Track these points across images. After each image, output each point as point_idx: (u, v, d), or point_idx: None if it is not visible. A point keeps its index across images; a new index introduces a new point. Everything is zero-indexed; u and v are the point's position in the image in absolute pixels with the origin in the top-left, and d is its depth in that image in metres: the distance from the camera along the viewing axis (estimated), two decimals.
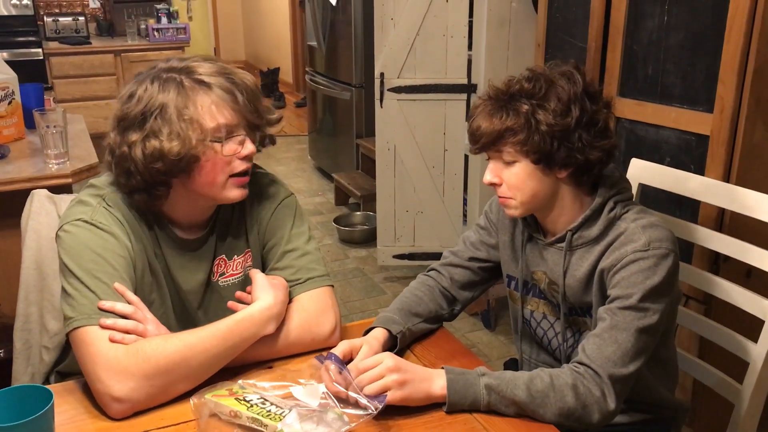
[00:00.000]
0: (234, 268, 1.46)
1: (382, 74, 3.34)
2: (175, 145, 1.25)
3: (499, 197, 1.35)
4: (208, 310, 1.44)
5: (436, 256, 1.65)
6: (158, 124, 1.25)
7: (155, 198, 1.32)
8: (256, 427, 1.10)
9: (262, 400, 1.14)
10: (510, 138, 1.27)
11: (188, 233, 1.40)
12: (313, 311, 1.38)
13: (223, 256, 1.44)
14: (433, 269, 1.56)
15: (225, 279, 1.45)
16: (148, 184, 1.29)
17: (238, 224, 1.46)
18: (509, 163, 1.31)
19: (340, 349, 1.27)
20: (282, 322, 1.33)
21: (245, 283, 1.45)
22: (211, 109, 1.27)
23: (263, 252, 1.48)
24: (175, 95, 1.26)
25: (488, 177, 1.34)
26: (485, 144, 1.30)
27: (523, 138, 1.26)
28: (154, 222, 1.36)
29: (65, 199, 1.67)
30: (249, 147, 1.33)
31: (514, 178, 1.31)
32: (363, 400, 1.14)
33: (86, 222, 1.28)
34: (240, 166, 1.33)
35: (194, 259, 1.41)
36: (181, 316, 1.42)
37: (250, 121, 1.32)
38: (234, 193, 1.35)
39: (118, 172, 1.31)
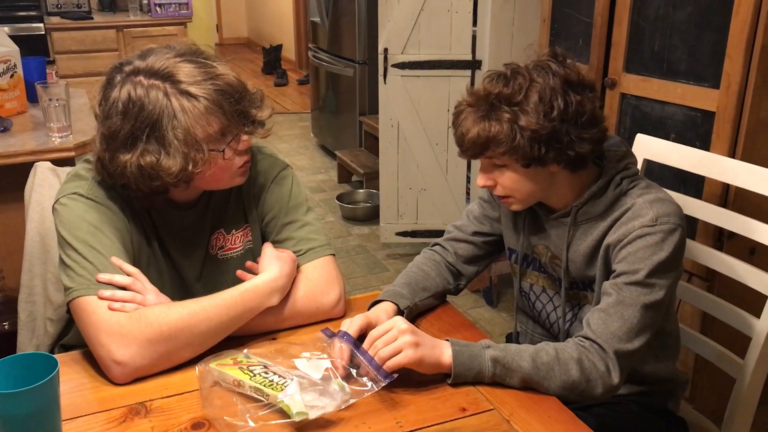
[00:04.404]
0: (233, 242, 1.46)
1: (385, 50, 3.32)
2: (173, 164, 1.22)
3: (498, 197, 1.36)
4: (207, 283, 1.44)
5: (439, 233, 1.64)
6: (152, 145, 1.22)
7: (154, 200, 1.32)
8: (257, 396, 1.11)
9: (266, 370, 1.15)
10: (496, 148, 1.26)
11: (184, 207, 1.40)
12: (318, 281, 1.38)
13: (222, 230, 1.45)
14: (437, 244, 1.56)
15: (224, 252, 1.46)
16: (147, 194, 1.28)
17: (236, 199, 1.45)
18: (501, 167, 1.30)
19: (357, 323, 1.26)
20: (288, 292, 1.34)
21: (245, 258, 1.45)
22: (201, 121, 1.22)
23: (262, 226, 1.48)
24: (162, 109, 1.20)
25: (482, 181, 1.34)
26: (474, 153, 1.29)
27: (508, 147, 1.24)
28: (150, 199, 1.35)
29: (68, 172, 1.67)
30: (245, 141, 1.32)
31: (507, 181, 1.31)
32: (366, 381, 1.15)
33: (82, 195, 1.28)
34: (241, 160, 1.33)
35: (191, 232, 1.42)
36: (180, 289, 1.42)
37: (240, 118, 1.28)
38: (238, 180, 1.37)
39: (113, 184, 1.28)
